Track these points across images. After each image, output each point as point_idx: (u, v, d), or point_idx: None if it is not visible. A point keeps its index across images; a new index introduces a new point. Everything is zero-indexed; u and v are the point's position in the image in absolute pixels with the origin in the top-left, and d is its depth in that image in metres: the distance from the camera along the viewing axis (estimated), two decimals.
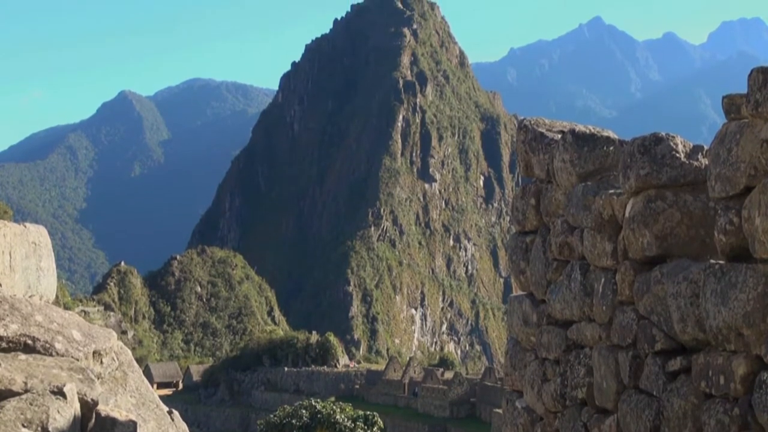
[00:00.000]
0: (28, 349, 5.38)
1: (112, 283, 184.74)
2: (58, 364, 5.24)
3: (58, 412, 4.68)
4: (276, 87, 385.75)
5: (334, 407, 59.72)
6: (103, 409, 5.32)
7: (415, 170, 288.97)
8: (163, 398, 7.08)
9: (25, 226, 6.37)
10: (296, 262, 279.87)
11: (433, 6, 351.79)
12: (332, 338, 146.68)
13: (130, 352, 6.58)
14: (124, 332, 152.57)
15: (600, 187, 6.98)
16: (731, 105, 5.15)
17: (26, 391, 4.80)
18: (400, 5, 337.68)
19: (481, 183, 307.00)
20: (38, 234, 6.47)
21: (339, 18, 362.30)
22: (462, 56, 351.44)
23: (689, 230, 6.00)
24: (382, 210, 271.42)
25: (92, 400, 5.16)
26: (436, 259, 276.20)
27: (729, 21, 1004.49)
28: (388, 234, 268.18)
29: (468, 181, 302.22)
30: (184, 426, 6.75)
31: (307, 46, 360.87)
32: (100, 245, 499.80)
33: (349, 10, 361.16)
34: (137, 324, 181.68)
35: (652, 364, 5.93)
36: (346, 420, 57.70)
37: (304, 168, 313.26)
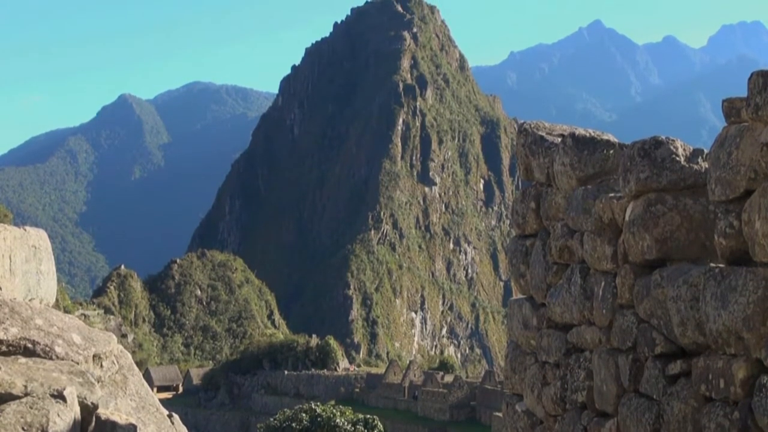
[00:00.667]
0: (28, 353, 5.38)
1: (112, 287, 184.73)
2: (58, 368, 5.24)
3: (58, 415, 4.68)
4: (276, 90, 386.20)
5: (334, 411, 59.71)
6: (103, 412, 5.32)
7: (415, 174, 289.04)
8: (163, 402, 7.09)
9: (25, 230, 6.37)
10: (296, 265, 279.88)
11: (433, 9, 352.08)
12: (332, 342, 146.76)
13: (130, 356, 6.58)
14: (124, 336, 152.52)
15: (600, 190, 6.98)
16: (731, 108, 5.15)
17: (26, 394, 4.80)
18: (400, 9, 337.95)
19: (481, 186, 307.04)
20: (38, 237, 6.47)
21: (339, 21, 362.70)
22: (462, 60, 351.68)
23: (689, 234, 6.00)
24: (382, 213, 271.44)
25: (92, 403, 5.17)
26: (436, 263, 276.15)
27: (729, 24, 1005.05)
28: (388, 237, 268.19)
29: (468, 185, 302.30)
30: (184, 429, 6.76)
31: (307, 49, 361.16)
32: (100, 249, 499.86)
33: (349, 13, 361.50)
34: (137, 327, 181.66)
35: (652, 368, 5.93)
36: (346, 423, 57.70)
37: (304, 171, 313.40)
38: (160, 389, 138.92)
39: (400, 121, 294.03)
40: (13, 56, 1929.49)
